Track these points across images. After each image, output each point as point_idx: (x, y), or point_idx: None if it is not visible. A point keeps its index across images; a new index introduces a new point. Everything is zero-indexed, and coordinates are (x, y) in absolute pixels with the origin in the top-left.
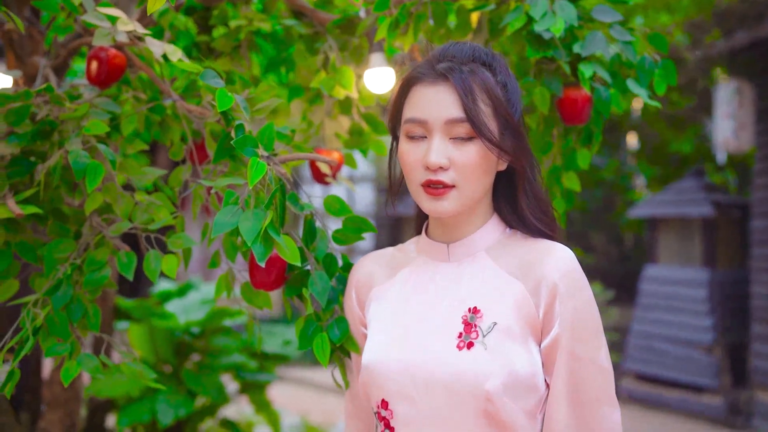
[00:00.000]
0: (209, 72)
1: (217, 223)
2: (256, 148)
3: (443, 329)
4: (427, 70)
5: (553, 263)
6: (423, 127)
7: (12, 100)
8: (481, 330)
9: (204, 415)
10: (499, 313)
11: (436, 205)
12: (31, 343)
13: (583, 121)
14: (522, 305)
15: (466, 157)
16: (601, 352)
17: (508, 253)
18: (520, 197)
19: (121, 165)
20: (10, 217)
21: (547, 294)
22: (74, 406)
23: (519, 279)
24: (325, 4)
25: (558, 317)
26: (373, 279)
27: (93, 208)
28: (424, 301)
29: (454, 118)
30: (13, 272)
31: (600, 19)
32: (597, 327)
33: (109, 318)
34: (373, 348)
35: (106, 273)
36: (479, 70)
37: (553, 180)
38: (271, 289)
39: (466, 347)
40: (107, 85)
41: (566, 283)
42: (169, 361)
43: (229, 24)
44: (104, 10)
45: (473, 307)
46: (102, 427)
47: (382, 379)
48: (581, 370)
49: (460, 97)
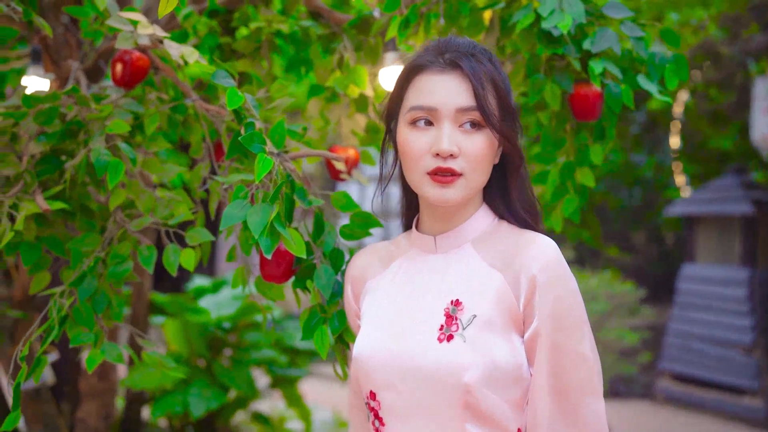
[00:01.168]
0: (220, 72)
1: (226, 216)
2: (263, 144)
3: (426, 321)
4: (434, 58)
5: (533, 255)
6: (431, 114)
7: (41, 101)
8: (461, 322)
9: (235, 409)
10: (480, 306)
11: (443, 193)
12: (57, 332)
13: (595, 117)
14: (503, 297)
15: (474, 146)
16: (585, 342)
17: (492, 244)
18: (512, 187)
19: (144, 162)
20: (40, 212)
21: (527, 286)
22: (110, 397)
23: (500, 270)
24: (342, 5)
25: (537, 309)
26: (366, 272)
27: (117, 204)
28: (411, 293)
29: (466, 107)
30: (45, 265)
31: (611, 15)
32: (580, 317)
33: (144, 312)
34: (362, 340)
35: (128, 266)
36: (484, 60)
37: (566, 175)
38: (280, 281)
39: (446, 339)
40: (132, 86)
41: (546, 274)
42: (203, 355)
43: (249, 26)
44: (127, 15)
45: (455, 299)
46: (138, 418)
47: (369, 371)
48: (563, 360)
49: (473, 85)
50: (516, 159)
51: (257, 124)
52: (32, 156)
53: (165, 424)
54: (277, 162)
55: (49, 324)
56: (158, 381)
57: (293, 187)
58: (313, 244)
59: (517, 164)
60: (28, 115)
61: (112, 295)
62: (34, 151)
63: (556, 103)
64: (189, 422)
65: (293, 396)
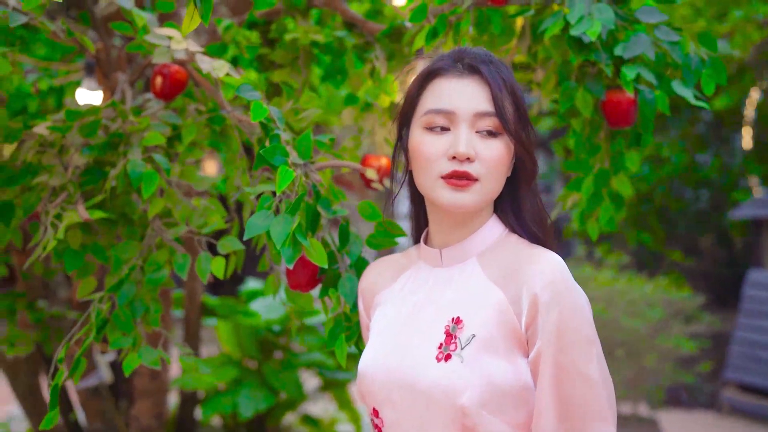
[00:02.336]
0: (245, 86)
1: (249, 226)
2: (286, 156)
3: (426, 338)
4: (451, 64)
5: (535, 271)
6: (448, 118)
7: (84, 115)
8: (459, 342)
9: (285, 410)
10: (480, 325)
11: (458, 197)
12: (94, 335)
13: (629, 123)
14: (504, 316)
15: (491, 152)
16: (592, 364)
17: (497, 259)
18: (524, 198)
19: (182, 173)
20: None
21: (529, 305)
22: (161, 396)
23: (501, 287)
24: (376, 15)
25: (540, 329)
26: (377, 285)
27: (155, 213)
28: (414, 307)
29: (484, 112)
30: (90, 271)
31: (644, 20)
32: (587, 337)
33: (196, 315)
34: (365, 354)
35: (164, 273)
36: (501, 68)
37: (601, 183)
38: (305, 290)
39: (444, 359)
40: (171, 98)
41: (548, 293)
42: (254, 356)
43: (285, 37)
44: (163, 31)
45: (456, 317)
46: (192, 418)
47: (371, 387)
48: (568, 382)
49: (492, 90)
50: (530, 168)
51: (283, 135)
52: (76, 167)
53: (218, 424)
54: (299, 173)
55: (87, 328)
56: (209, 381)
57: (318, 198)
58: (338, 253)
59: (531, 173)
60: (73, 128)
61: (149, 301)
62: (78, 163)
63: (588, 110)
64: (241, 422)
65: (343, 399)
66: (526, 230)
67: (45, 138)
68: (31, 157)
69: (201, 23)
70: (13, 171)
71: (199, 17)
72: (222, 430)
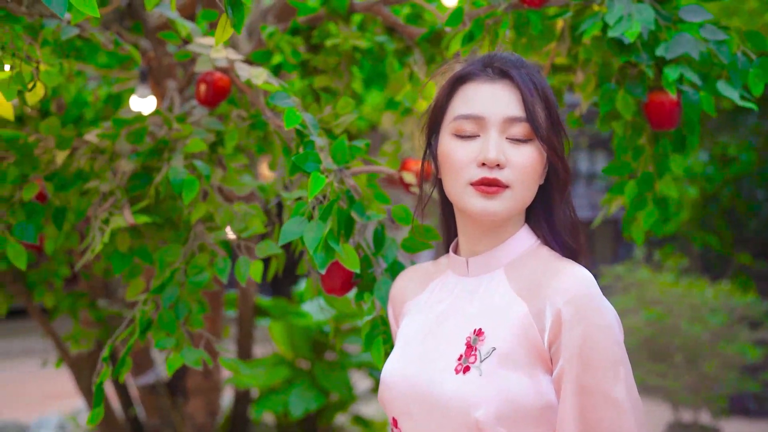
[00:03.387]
0: (280, 94)
1: (284, 232)
2: (318, 163)
3: (447, 349)
4: (480, 69)
5: (559, 286)
6: (477, 123)
7: (130, 122)
8: (479, 354)
9: (336, 410)
10: (501, 338)
11: (487, 205)
12: (137, 335)
13: (672, 125)
14: (526, 330)
15: (522, 158)
16: (618, 386)
17: (523, 271)
18: (557, 205)
19: (224, 178)
20: (133, 225)
21: (552, 321)
22: (214, 395)
23: (525, 300)
24: (416, 19)
25: (563, 347)
26: (405, 293)
27: (198, 217)
28: (439, 317)
29: (514, 117)
30: (138, 273)
31: (688, 19)
32: (613, 357)
33: (249, 315)
34: (387, 364)
35: (205, 276)
36: (533, 72)
37: (645, 187)
38: (339, 294)
39: (463, 371)
40: (215, 105)
41: (572, 309)
42: (307, 357)
43: (326, 42)
44: (204, 40)
45: (478, 328)
46: (246, 416)
47: (392, 397)
48: (592, 404)
49: (523, 95)
50: (563, 176)
51: (318, 141)
52: (124, 173)
53: (272, 422)
54: (331, 179)
55: (132, 328)
56: (263, 380)
57: (352, 203)
58: (373, 257)
59: (564, 180)
60: (121, 135)
61: (192, 303)
62: (125, 168)
63: (629, 112)
64: (293, 421)
65: None
66: (558, 240)
67: (97, 145)
68: (83, 164)
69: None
70: (66, 177)
71: (231, 27)
72: (275, 428)
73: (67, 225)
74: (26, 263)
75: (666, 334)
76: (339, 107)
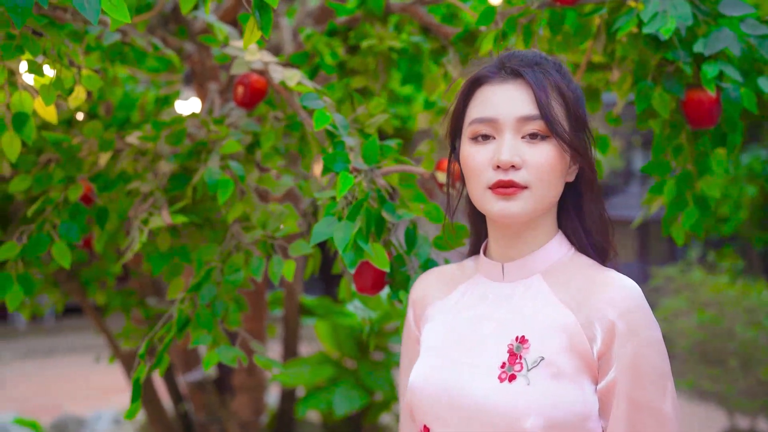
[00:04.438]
0: (309, 95)
1: (315, 232)
2: (347, 163)
3: (487, 355)
4: (494, 70)
5: (611, 298)
6: (492, 126)
7: (168, 125)
8: (526, 363)
9: (381, 410)
10: (548, 347)
11: (507, 207)
12: (174, 332)
13: (712, 123)
14: (574, 340)
15: (539, 157)
16: (667, 399)
17: (565, 279)
18: (587, 205)
19: (261, 179)
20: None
21: (603, 332)
22: (259, 392)
23: (572, 310)
24: (452, 19)
25: (616, 359)
26: (428, 296)
27: (234, 217)
28: (472, 322)
29: (527, 115)
30: (179, 272)
31: (728, 13)
32: (663, 371)
33: (294, 314)
34: (417, 369)
35: (241, 275)
36: (549, 70)
37: (685, 186)
38: (371, 293)
39: (508, 380)
40: (252, 107)
41: (626, 321)
42: (352, 356)
43: (362, 43)
44: (239, 43)
45: (521, 336)
46: (292, 413)
47: (424, 403)
48: (643, 418)
49: (534, 92)
50: (588, 174)
51: (349, 141)
52: (163, 174)
53: (318, 421)
54: (360, 179)
55: (169, 325)
56: (307, 379)
57: (383, 203)
58: (405, 256)
59: (589, 178)
60: (160, 137)
61: (229, 302)
62: (164, 170)
63: (666, 110)
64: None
65: None
66: (590, 240)
67: (139, 147)
68: (126, 165)
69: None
70: (109, 178)
71: (258, 30)
72: (320, 427)
73: (110, 225)
74: (76, 262)
75: (720, 338)
76: (371, 107)
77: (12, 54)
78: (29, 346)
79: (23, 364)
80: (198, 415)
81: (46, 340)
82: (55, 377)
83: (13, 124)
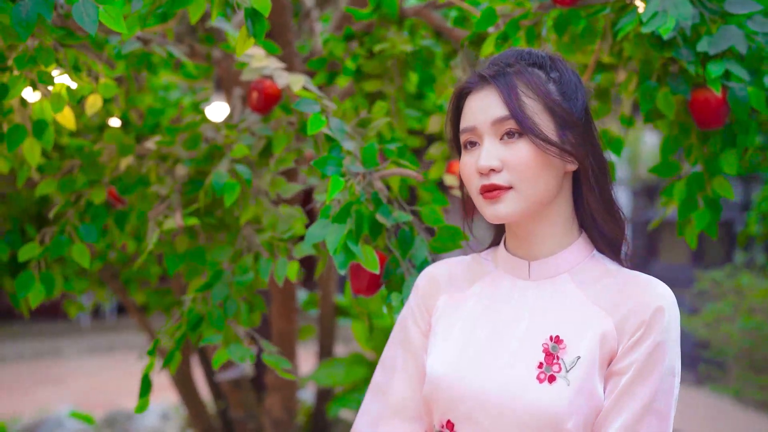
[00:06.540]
0: (305, 100)
1: (309, 235)
2: (339, 167)
3: (521, 355)
4: (475, 80)
5: (648, 301)
6: (474, 133)
7: (183, 129)
8: (564, 363)
9: None
10: (585, 347)
11: (495, 209)
12: (184, 331)
13: (719, 123)
14: (607, 341)
15: (518, 156)
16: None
17: (596, 281)
18: (589, 199)
19: (272, 182)
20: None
21: (634, 330)
22: (291, 391)
23: (608, 312)
24: (463, 22)
25: (635, 352)
26: (440, 286)
27: (246, 220)
28: (500, 320)
29: (499, 117)
30: (198, 273)
31: (734, 11)
32: (674, 371)
33: (330, 314)
34: (444, 363)
35: (251, 275)
36: (525, 69)
37: (696, 187)
38: (367, 294)
39: (548, 381)
40: (266, 112)
41: (656, 319)
42: None
43: (374, 48)
44: (251, 51)
45: (555, 335)
46: (326, 412)
47: (450, 399)
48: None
49: (501, 94)
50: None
51: (346, 145)
52: (180, 177)
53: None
54: (353, 182)
55: (179, 324)
56: (341, 378)
57: (378, 205)
58: (401, 258)
59: (586, 171)
60: (177, 142)
61: (240, 302)
62: (180, 173)
63: (671, 111)
64: None
65: None
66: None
67: (160, 152)
68: (146, 170)
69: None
70: (128, 182)
71: (252, 38)
72: None
73: (129, 227)
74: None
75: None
76: (374, 111)
77: (24, 65)
78: (92, 343)
79: (85, 361)
80: (235, 413)
81: (107, 338)
82: (112, 373)
83: (34, 131)
